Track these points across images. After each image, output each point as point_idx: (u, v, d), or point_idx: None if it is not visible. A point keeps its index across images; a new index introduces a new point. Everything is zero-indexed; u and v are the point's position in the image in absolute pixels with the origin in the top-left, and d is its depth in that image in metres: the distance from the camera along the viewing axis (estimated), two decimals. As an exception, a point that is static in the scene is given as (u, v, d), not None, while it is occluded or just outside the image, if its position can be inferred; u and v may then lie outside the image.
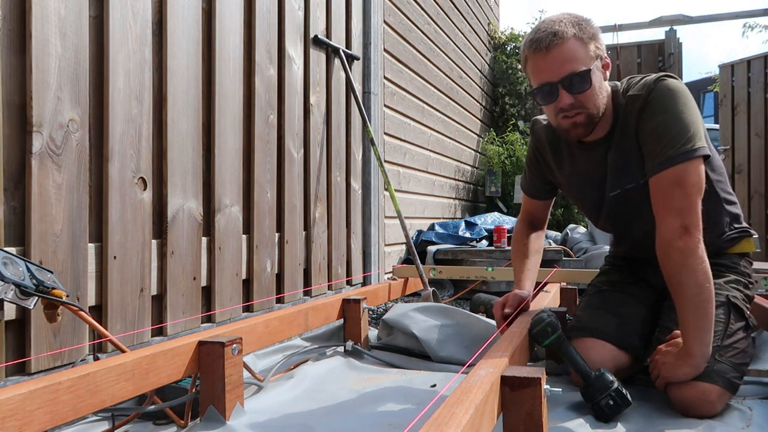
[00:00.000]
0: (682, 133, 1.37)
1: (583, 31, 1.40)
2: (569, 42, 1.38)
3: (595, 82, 1.41)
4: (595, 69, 1.41)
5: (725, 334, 1.45)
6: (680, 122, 1.38)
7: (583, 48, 1.39)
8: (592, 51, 1.41)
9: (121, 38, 1.65)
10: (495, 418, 1.07)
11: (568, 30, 1.38)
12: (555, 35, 1.38)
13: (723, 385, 1.39)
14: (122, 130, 1.65)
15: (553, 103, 1.43)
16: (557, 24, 1.39)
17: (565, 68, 1.39)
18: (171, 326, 1.80)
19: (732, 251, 1.66)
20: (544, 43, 1.38)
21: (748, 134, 5.83)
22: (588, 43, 1.40)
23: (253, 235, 2.21)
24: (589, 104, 1.43)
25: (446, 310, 2.06)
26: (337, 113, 2.89)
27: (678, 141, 1.37)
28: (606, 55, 1.46)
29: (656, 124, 1.41)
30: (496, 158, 5.65)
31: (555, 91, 1.41)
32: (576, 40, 1.39)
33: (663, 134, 1.39)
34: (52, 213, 1.45)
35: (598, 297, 1.73)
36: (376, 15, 3.27)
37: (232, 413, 1.36)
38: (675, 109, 1.39)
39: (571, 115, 1.44)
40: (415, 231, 4.07)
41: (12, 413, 0.94)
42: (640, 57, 6.50)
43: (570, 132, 1.48)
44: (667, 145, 1.38)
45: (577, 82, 1.39)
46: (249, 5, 2.23)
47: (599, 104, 1.45)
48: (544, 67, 1.41)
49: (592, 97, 1.42)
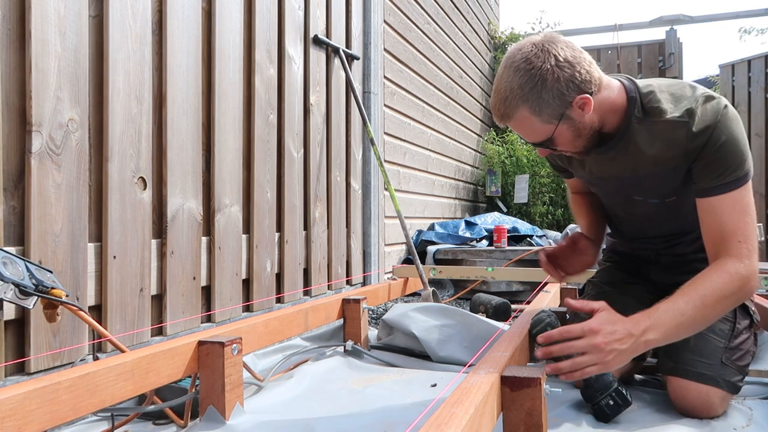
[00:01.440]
0: (742, 158, 1.32)
1: (532, 99, 1.26)
2: (520, 120, 1.30)
3: (565, 138, 1.34)
4: (561, 128, 1.31)
5: (732, 335, 1.45)
6: (739, 148, 1.32)
7: (537, 120, 1.29)
8: (549, 115, 1.28)
9: (121, 38, 1.65)
10: (495, 418, 1.07)
11: (515, 108, 1.28)
12: (504, 114, 1.31)
13: (727, 389, 1.39)
14: (122, 130, 1.65)
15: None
16: (504, 102, 1.29)
17: (526, 137, 1.35)
18: (171, 326, 1.80)
19: None
20: (498, 117, 1.33)
21: (749, 134, 5.83)
22: (541, 110, 1.27)
23: (253, 234, 2.21)
24: (569, 149, 1.39)
25: (446, 310, 2.06)
26: (337, 113, 2.89)
27: (740, 164, 1.31)
28: (582, 95, 1.27)
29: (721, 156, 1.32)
30: (496, 158, 5.64)
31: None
32: (527, 111, 1.28)
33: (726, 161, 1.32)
34: (51, 213, 1.45)
35: (603, 298, 1.72)
36: (376, 14, 3.27)
37: (232, 413, 1.36)
38: (735, 138, 1.31)
39: (560, 152, 1.42)
40: (415, 231, 4.07)
41: (12, 413, 0.94)
42: (640, 57, 6.50)
43: (573, 158, 1.47)
44: (730, 169, 1.31)
45: (543, 146, 1.37)
46: (249, 5, 2.23)
47: (580, 145, 1.38)
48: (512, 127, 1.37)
49: (568, 146, 1.37)
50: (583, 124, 1.34)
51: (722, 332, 1.45)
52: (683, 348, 1.42)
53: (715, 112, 1.32)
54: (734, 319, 1.48)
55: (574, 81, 1.27)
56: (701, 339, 1.43)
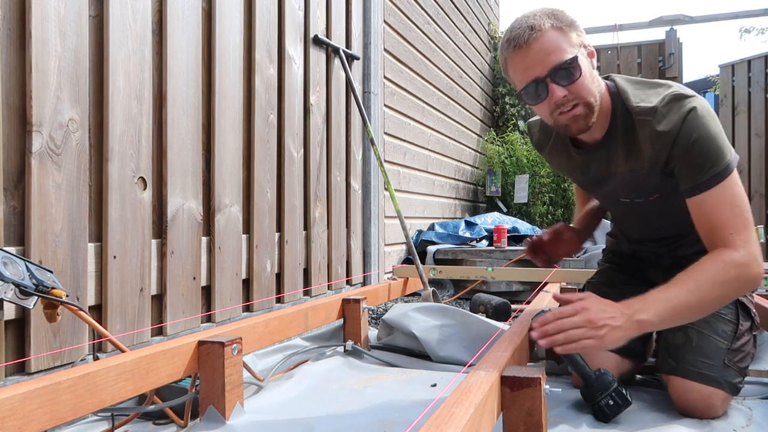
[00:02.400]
0: (718, 154, 1.31)
1: (561, 21, 1.32)
2: (548, 33, 1.30)
3: (585, 70, 1.33)
4: (581, 56, 1.33)
5: (735, 336, 1.45)
6: (713, 144, 1.31)
7: (564, 37, 1.31)
8: (574, 39, 1.32)
9: (121, 38, 1.65)
10: (495, 418, 1.07)
11: (544, 22, 1.31)
12: (532, 29, 1.30)
13: (729, 390, 1.38)
14: (122, 130, 1.65)
15: (544, 100, 1.34)
16: (532, 18, 1.32)
17: (550, 60, 1.29)
18: (171, 326, 1.80)
19: None
20: (522, 39, 1.30)
21: (749, 134, 5.83)
22: (568, 31, 1.32)
23: (253, 234, 2.21)
24: (584, 93, 1.33)
25: (446, 310, 2.06)
26: (337, 113, 2.89)
27: (715, 161, 1.31)
28: (589, 44, 1.38)
29: (694, 156, 1.31)
30: (496, 158, 5.64)
31: (544, 87, 1.32)
32: (555, 30, 1.31)
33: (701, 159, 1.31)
34: (51, 213, 1.45)
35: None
36: (376, 15, 3.27)
37: (232, 413, 1.36)
38: (706, 135, 1.31)
39: (567, 109, 1.34)
40: (415, 231, 4.07)
41: (12, 413, 0.94)
42: (640, 57, 6.51)
43: (570, 127, 1.37)
44: (706, 166, 1.31)
45: (566, 73, 1.30)
46: (249, 5, 2.23)
47: (595, 92, 1.36)
48: (527, 64, 1.31)
49: (585, 85, 1.33)
50: (593, 75, 1.37)
51: (725, 333, 1.45)
52: (686, 348, 1.42)
53: (680, 113, 1.31)
54: (737, 321, 1.48)
55: (584, 33, 1.37)
56: (704, 339, 1.43)
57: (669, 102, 1.33)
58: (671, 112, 1.32)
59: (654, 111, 1.34)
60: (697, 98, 1.34)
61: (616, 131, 1.43)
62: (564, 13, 1.35)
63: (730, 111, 5.98)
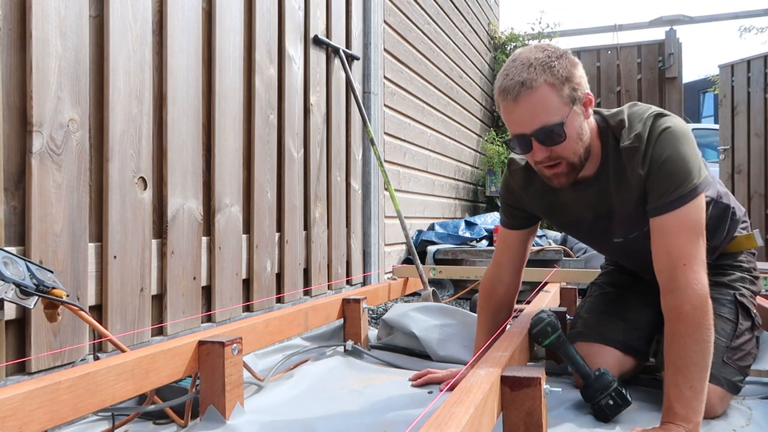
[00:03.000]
0: (686, 172, 1.30)
1: (555, 75, 1.25)
2: (539, 91, 1.24)
3: (572, 131, 1.29)
4: (573, 115, 1.28)
5: (734, 335, 1.45)
6: (684, 163, 1.31)
7: (555, 95, 1.25)
8: (566, 95, 1.27)
9: (121, 38, 1.65)
10: (495, 417, 1.07)
11: (538, 77, 1.24)
12: (523, 84, 1.24)
13: (727, 388, 1.39)
14: (122, 130, 1.65)
15: (529, 153, 1.33)
16: (526, 70, 1.25)
17: (536, 121, 1.26)
18: (171, 326, 1.80)
19: (733, 249, 1.63)
20: (512, 94, 1.26)
21: (748, 134, 5.83)
22: (561, 88, 1.26)
23: (253, 234, 2.21)
24: (567, 154, 1.31)
25: (446, 310, 2.06)
26: (337, 113, 2.89)
27: (683, 180, 1.30)
28: (587, 92, 1.32)
29: (662, 174, 1.32)
30: (496, 158, 5.65)
31: (528, 143, 1.30)
32: (547, 86, 1.25)
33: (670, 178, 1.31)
34: (52, 213, 1.45)
35: (604, 299, 1.72)
36: (376, 15, 3.27)
37: (232, 413, 1.37)
38: (676, 155, 1.31)
39: (549, 165, 1.33)
40: (415, 231, 4.07)
41: (12, 413, 0.94)
42: (640, 57, 6.51)
43: (552, 181, 1.37)
44: (672, 187, 1.31)
45: (551, 135, 1.27)
46: (249, 5, 2.23)
47: (579, 151, 1.33)
48: (515, 119, 1.29)
49: (569, 147, 1.30)
50: (584, 129, 1.33)
51: (724, 331, 1.45)
52: None
53: (656, 132, 1.32)
54: (736, 319, 1.48)
55: (582, 79, 1.30)
56: None
57: (649, 123, 1.34)
58: (650, 133, 1.33)
59: (639, 137, 1.34)
60: (674, 118, 1.35)
61: (608, 167, 1.41)
62: (563, 59, 1.28)
63: (730, 111, 5.99)
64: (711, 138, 7.00)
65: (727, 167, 6.02)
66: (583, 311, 1.72)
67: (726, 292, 1.54)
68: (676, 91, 6.31)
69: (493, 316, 1.65)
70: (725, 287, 1.56)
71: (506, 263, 1.63)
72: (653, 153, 1.31)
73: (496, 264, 1.65)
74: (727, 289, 1.55)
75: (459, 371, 1.60)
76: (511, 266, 1.63)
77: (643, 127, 1.34)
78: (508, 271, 1.63)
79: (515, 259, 1.63)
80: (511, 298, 1.66)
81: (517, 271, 1.64)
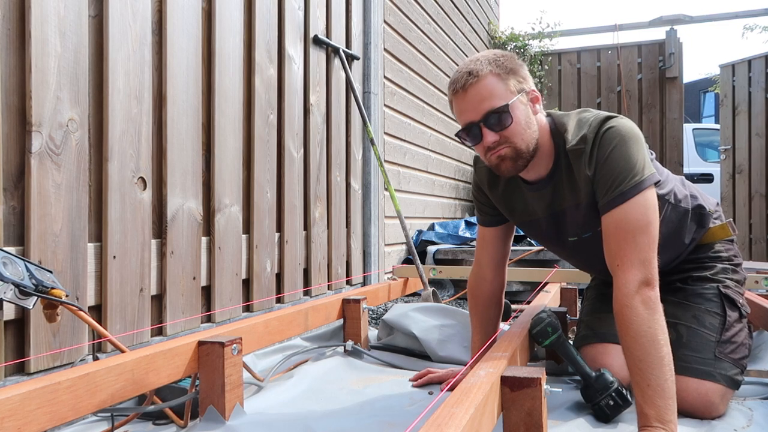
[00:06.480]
0: (627, 170, 1.32)
1: (500, 67, 1.35)
2: (485, 79, 1.33)
3: (519, 117, 1.35)
4: (518, 103, 1.35)
5: (723, 329, 1.45)
6: (626, 161, 1.33)
7: (500, 83, 1.34)
8: (512, 86, 1.35)
9: (121, 38, 1.65)
10: (495, 418, 1.07)
11: (483, 68, 1.34)
12: (470, 74, 1.34)
13: (725, 384, 1.38)
14: (122, 130, 1.65)
15: (480, 143, 1.38)
16: (473, 63, 1.36)
17: (483, 106, 1.33)
18: (171, 326, 1.80)
19: (708, 240, 1.62)
20: (460, 84, 1.35)
21: (749, 134, 5.83)
22: (507, 78, 1.35)
23: (253, 234, 2.21)
24: (515, 139, 1.36)
25: (446, 310, 2.06)
26: (337, 113, 2.89)
27: (624, 178, 1.32)
28: (534, 89, 1.40)
29: (604, 172, 1.35)
30: (497, 158, 5.64)
31: (478, 131, 1.35)
32: (493, 76, 1.34)
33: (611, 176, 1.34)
34: (51, 213, 1.45)
35: (603, 300, 1.72)
36: (376, 14, 3.27)
37: (231, 413, 1.36)
38: (617, 153, 1.34)
39: (495, 149, 1.37)
40: (415, 231, 4.07)
41: (11, 413, 0.94)
42: (640, 57, 6.50)
43: (499, 167, 1.40)
44: (613, 185, 1.33)
45: (498, 119, 1.33)
46: (249, 5, 2.23)
47: (527, 139, 1.37)
48: (464, 108, 1.36)
49: (517, 132, 1.35)
50: (532, 120, 1.39)
51: (713, 326, 1.46)
52: (677, 345, 1.42)
53: (601, 131, 1.36)
54: (724, 312, 1.49)
55: (528, 77, 1.40)
56: (693, 334, 1.45)
57: (595, 125, 1.38)
58: (595, 134, 1.37)
59: (584, 138, 1.38)
60: (620, 119, 1.38)
61: (560, 167, 1.45)
62: (509, 58, 1.38)
63: (731, 111, 5.99)
64: (712, 139, 7.00)
65: (728, 167, 6.02)
66: (585, 314, 1.73)
67: (710, 286, 1.54)
68: (676, 90, 6.31)
69: (483, 314, 1.68)
70: (708, 281, 1.56)
71: (487, 261, 1.67)
72: (597, 153, 1.36)
73: (477, 262, 1.69)
74: (710, 283, 1.55)
75: (459, 371, 1.61)
76: (492, 263, 1.66)
77: (589, 128, 1.39)
78: (490, 268, 1.66)
79: (495, 256, 1.66)
80: (498, 295, 1.69)
81: (498, 268, 1.67)
